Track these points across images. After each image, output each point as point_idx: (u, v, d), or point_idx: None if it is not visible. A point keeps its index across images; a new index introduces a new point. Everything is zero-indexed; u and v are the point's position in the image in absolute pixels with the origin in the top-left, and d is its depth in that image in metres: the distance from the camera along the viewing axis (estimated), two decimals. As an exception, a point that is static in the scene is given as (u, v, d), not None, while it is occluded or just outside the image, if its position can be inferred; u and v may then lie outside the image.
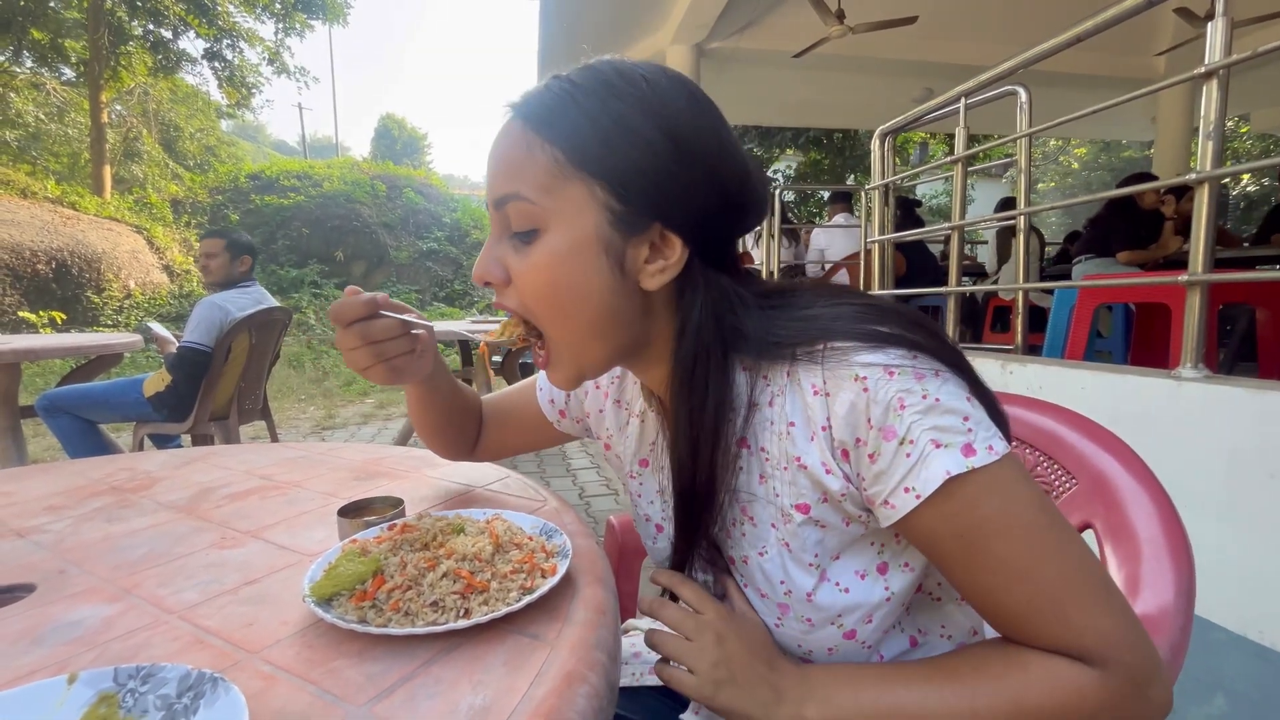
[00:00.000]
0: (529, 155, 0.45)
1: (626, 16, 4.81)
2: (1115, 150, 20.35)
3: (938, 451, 0.41)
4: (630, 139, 0.44)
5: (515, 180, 0.45)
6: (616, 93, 0.45)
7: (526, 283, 0.47)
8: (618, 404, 0.65)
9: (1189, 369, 1.36)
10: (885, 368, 0.42)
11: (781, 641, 0.52)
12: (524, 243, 0.46)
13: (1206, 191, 1.38)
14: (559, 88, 0.46)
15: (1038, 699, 0.41)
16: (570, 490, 2.99)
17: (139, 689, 0.36)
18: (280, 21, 12.68)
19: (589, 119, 0.44)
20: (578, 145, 0.44)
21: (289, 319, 2.73)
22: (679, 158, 0.45)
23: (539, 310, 0.48)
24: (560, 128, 0.44)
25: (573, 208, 0.45)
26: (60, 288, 7.35)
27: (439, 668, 0.40)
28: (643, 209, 0.45)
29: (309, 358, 7.19)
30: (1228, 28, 1.33)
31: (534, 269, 0.46)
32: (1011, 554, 0.41)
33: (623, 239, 0.46)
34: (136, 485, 0.81)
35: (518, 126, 0.46)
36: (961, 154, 2.19)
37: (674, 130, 0.45)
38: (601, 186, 0.44)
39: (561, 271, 0.45)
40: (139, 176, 13.52)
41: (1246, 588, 1.19)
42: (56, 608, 0.49)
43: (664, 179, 0.45)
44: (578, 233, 0.45)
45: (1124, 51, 5.31)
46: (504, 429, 0.78)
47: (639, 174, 0.44)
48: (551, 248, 0.45)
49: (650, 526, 0.62)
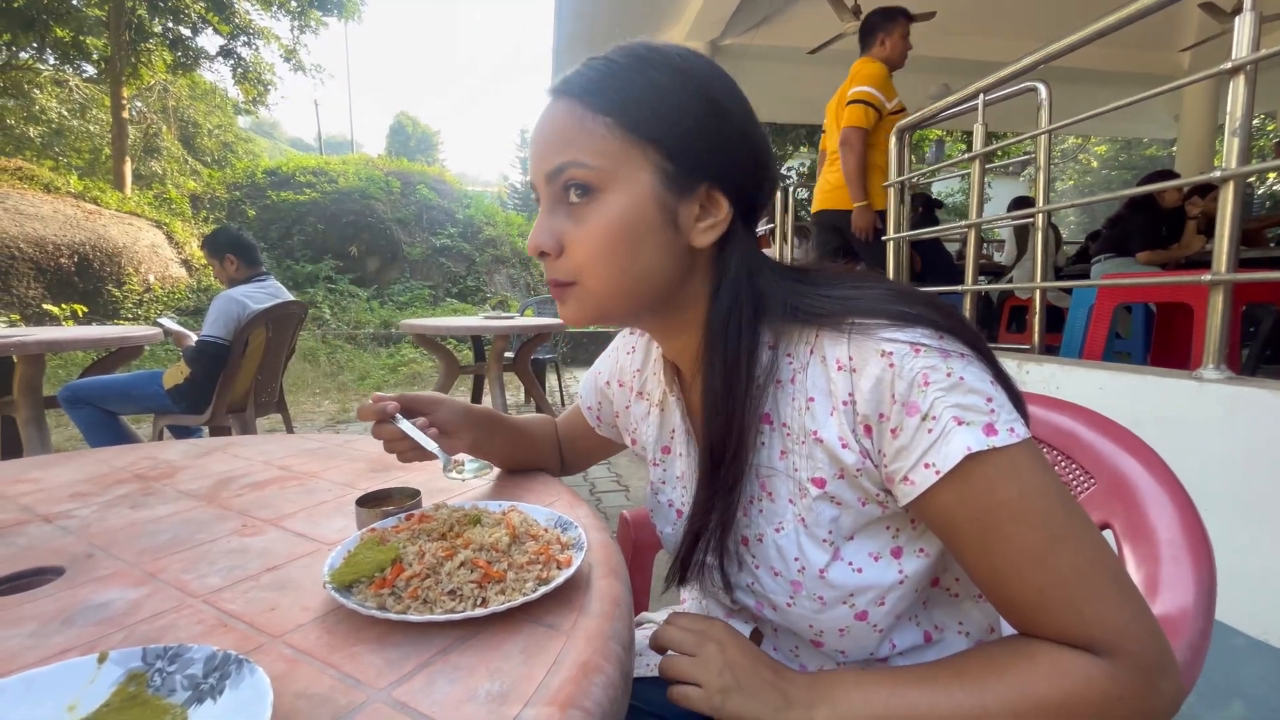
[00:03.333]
0: (582, 126, 0.47)
1: (642, 12, 4.80)
2: (1136, 148, 20.01)
3: (960, 429, 0.41)
4: (673, 102, 0.47)
5: (571, 149, 0.47)
6: (653, 63, 0.48)
7: (586, 243, 0.48)
8: (640, 395, 0.68)
9: (1211, 369, 1.34)
10: (912, 345, 0.43)
11: (792, 624, 0.53)
12: (582, 208, 0.48)
13: (1231, 190, 1.35)
14: (600, 64, 0.49)
15: (1045, 690, 0.41)
16: (581, 486, 3.00)
17: (167, 669, 0.37)
18: (296, 19, 12.78)
19: (634, 87, 0.47)
20: (628, 112, 0.47)
21: (304, 313, 2.76)
22: (718, 118, 0.48)
23: (593, 268, 0.49)
24: (609, 97, 0.47)
25: (628, 170, 0.47)
26: (82, 281, 7.47)
27: (457, 655, 0.41)
28: (692, 169, 0.48)
29: (324, 352, 7.26)
30: (1256, 22, 1.30)
31: (594, 229, 0.48)
32: (1027, 540, 0.41)
33: (675, 198, 0.48)
34: (159, 474, 0.82)
35: (565, 104, 0.48)
36: (979, 151, 2.16)
37: (709, 93, 0.48)
38: (654, 148, 0.47)
39: (619, 231, 0.47)
40: (159, 172, 13.74)
41: (1267, 592, 1.17)
42: (85, 590, 0.50)
43: (709, 139, 0.48)
44: (635, 192, 0.47)
45: (1147, 47, 5.21)
46: (574, 445, 0.83)
47: (686, 134, 0.47)
48: (611, 208, 0.47)
49: (671, 512, 0.63)
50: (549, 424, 0.81)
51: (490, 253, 11.15)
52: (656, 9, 4.76)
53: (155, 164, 14.05)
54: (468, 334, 3.74)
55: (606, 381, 0.74)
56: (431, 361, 6.95)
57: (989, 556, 0.42)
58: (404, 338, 7.76)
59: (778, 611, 0.53)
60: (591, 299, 0.50)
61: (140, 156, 13.47)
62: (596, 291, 0.50)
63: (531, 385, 3.90)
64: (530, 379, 3.87)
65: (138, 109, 13.79)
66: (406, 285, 10.05)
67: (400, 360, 7.23)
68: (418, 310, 9.46)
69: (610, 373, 0.73)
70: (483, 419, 0.72)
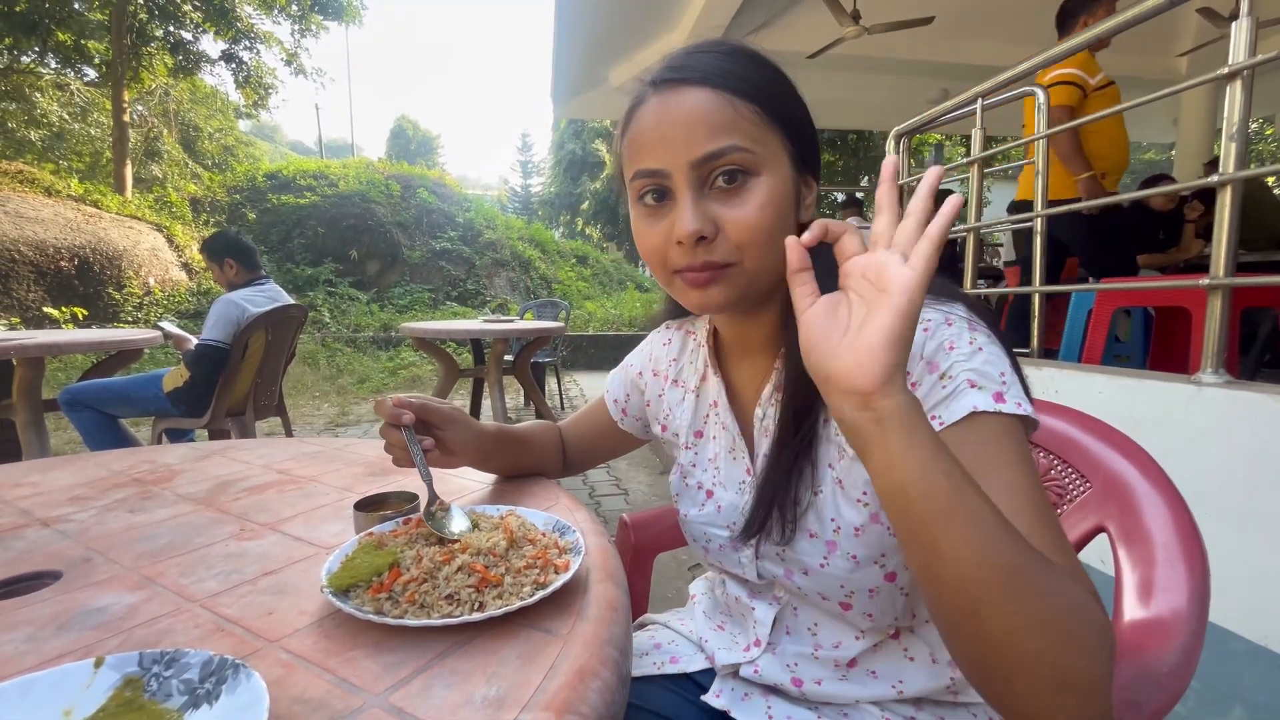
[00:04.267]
0: (735, 112, 0.50)
1: (642, 16, 4.82)
2: (1135, 152, 20.05)
3: (971, 390, 0.45)
4: (791, 96, 0.54)
5: (729, 134, 0.50)
6: (759, 59, 0.54)
7: (749, 224, 0.51)
8: (675, 383, 0.71)
9: (1209, 374, 1.34)
10: (946, 316, 0.49)
11: (823, 588, 0.55)
12: (737, 191, 0.51)
13: (1229, 194, 1.36)
14: (719, 56, 0.52)
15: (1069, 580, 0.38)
16: (581, 490, 3.00)
17: (163, 673, 0.37)
18: (296, 23, 12.82)
19: (766, 80, 0.52)
20: (769, 101, 0.51)
21: (304, 316, 2.77)
22: (804, 108, 0.55)
23: (754, 246, 0.51)
24: (751, 88, 0.51)
25: (775, 154, 0.52)
26: (82, 284, 7.48)
27: (454, 659, 0.41)
28: (804, 153, 0.54)
29: (323, 355, 7.26)
30: (1252, 28, 1.31)
31: (757, 209, 0.51)
32: (1024, 485, 0.42)
33: (799, 179, 0.54)
34: (157, 478, 0.82)
35: (703, 91, 0.51)
36: (978, 155, 2.17)
37: (795, 88, 0.55)
38: (785, 134, 0.52)
39: (776, 209, 0.51)
40: (159, 175, 13.76)
41: (1266, 597, 1.17)
42: (83, 594, 0.50)
43: (807, 126, 0.55)
44: (782, 175, 0.52)
45: (1145, 52, 5.22)
46: (583, 444, 0.83)
47: (801, 124, 0.54)
48: (769, 189, 0.51)
49: (700, 494, 0.65)
50: (552, 430, 0.82)
51: (490, 256, 11.17)
52: (656, 14, 4.78)
53: (156, 167, 14.07)
54: (467, 337, 3.74)
55: (639, 372, 0.76)
56: (431, 365, 6.95)
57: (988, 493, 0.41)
58: (404, 341, 7.76)
59: (808, 575, 0.55)
60: (745, 278, 0.53)
61: (141, 160, 13.50)
62: (753, 270, 0.52)
63: (531, 389, 3.90)
64: (530, 382, 3.88)
65: (139, 112, 13.82)
66: (406, 288, 10.05)
67: (400, 363, 7.23)
68: (418, 313, 9.47)
69: (643, 364, 0.76)
70: (490, 442, 0.72)
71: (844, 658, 0.58)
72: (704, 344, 0.67)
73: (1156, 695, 0.46)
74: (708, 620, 0.71)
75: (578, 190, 22.77)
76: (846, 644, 0.58)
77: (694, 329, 0.71)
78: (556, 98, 6.31)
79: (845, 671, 0.59)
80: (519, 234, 12.39)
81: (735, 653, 0.64)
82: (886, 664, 0.58)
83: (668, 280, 0.55)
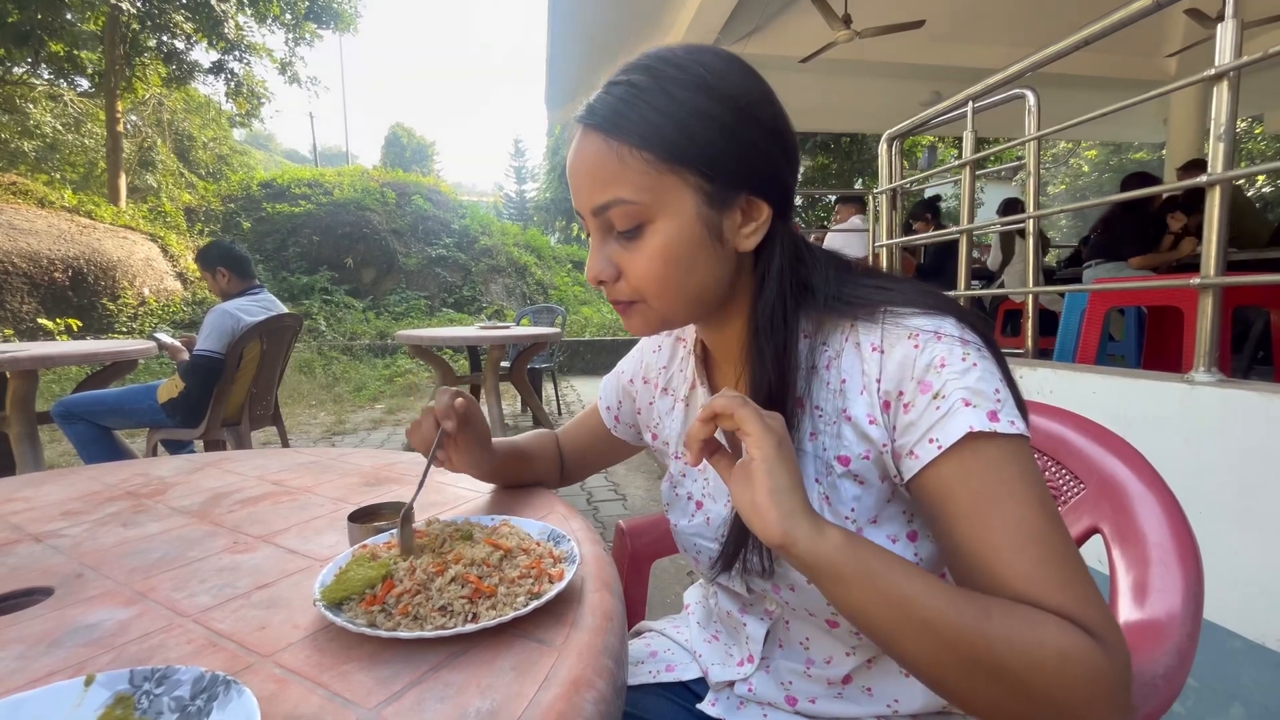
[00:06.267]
0: (620, 162, 0.48)
1: (634, 22, 4.83)
2: (1126, 152, 20.18)
3: (965, 409, 0.44)
4: (705, 122, 0.47)
5: (614, 187, 0.49)
6: (679, 83, 0.48)
7: (641, 272, 0.51)
8: (664, 391, 0.70)
9: (1202, 373, 1.35)
10: (936, 332, 0.47)
11: (809, 605, 0.54)
12: (631, 239, 0.51)
13: (1218, 194, 1.37)
14: (624, 92, 0.49)
15: (1052, 634, 0.38)
16: (578, 496, 2.99)
17: (154, 691, 0.36)
18: (290, 32, 12.82)
19: (664, 115, 0.47)
20: (662, 142, 0.47)
21: (299, 325, 2.76)
22: (747, 125, 0.49)
23: (652, 290, 0.52)
24: (641, 130, 0.48)
25: (671, 198, 0.49)
26: (76, 295, 7.45)
27: (448, 672, 0.40)
28: (730, 182, 0.49)
29: (319, 364, 7.24)
30: (1238, 29, 1.32)
31: (648, 259, 0.50)
32: (1027, 516, 0.42)
33: (718, 213, 0.50)
34: (151, 491, 0.82)
35: (598, 138, 0.49)
36: (969, 158, 2.18)
37: (737, 102, 0.48)
38: (691, 172, 0.48)
39: (672, 255, 0.50)
40: (153, 185, 13.72)
41: (1263, 595, 1.18)
42: (74, 610, 0.50)
43: (742, 149, 0.49)
44: (681, 218, 0.49)
45: (1134, 53, 5.27)
46: (579, 452, 0.83)
47: (720, 153, 0.48)
48: (661, 237, 0.49)
49: (690, 505, 0.64)
50: (551, 441, 0.82)
51: (486, 262, 11.17)
52: (648, 19, 4.80)
53: (150, 177, 14.02)
54: (464, 344, 3.73)
55: (630, 379, 0.75)
56: (428, 372, 6.94)
57: (987, 530, 0.42)
58: (400, 348, 7.75)
59: (795, 592, 0.54)
60: (655, 314, 0.53)
61: (135, 170, 13.45)
62: (659, 308, 0.53)
63: (528, 395, 3.89)
64: (527, 388, 3.87)
65: (132, 123, 13.78)
66: (402, 296, 10.04)
67: (396, 371, 7.22)
68: (414, 320, 9.46)
69: (634, 371, 0.75)
70: (499, 459, 0.72)
71: (837, 675, 0.58)
72: (693, 352, 0.66)
73: (1152, 697, 0.47)
74: (702, 630, 0.71)
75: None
76: (838, 660, 0.58)
77: (684, 336, 0.70)
78: (551, 103, 6.32)
79: (840, 689, 0.59)
80: (514, 240, 12.39)
81: (729, 668, 0.64)
82: (882, 681, 0.58)
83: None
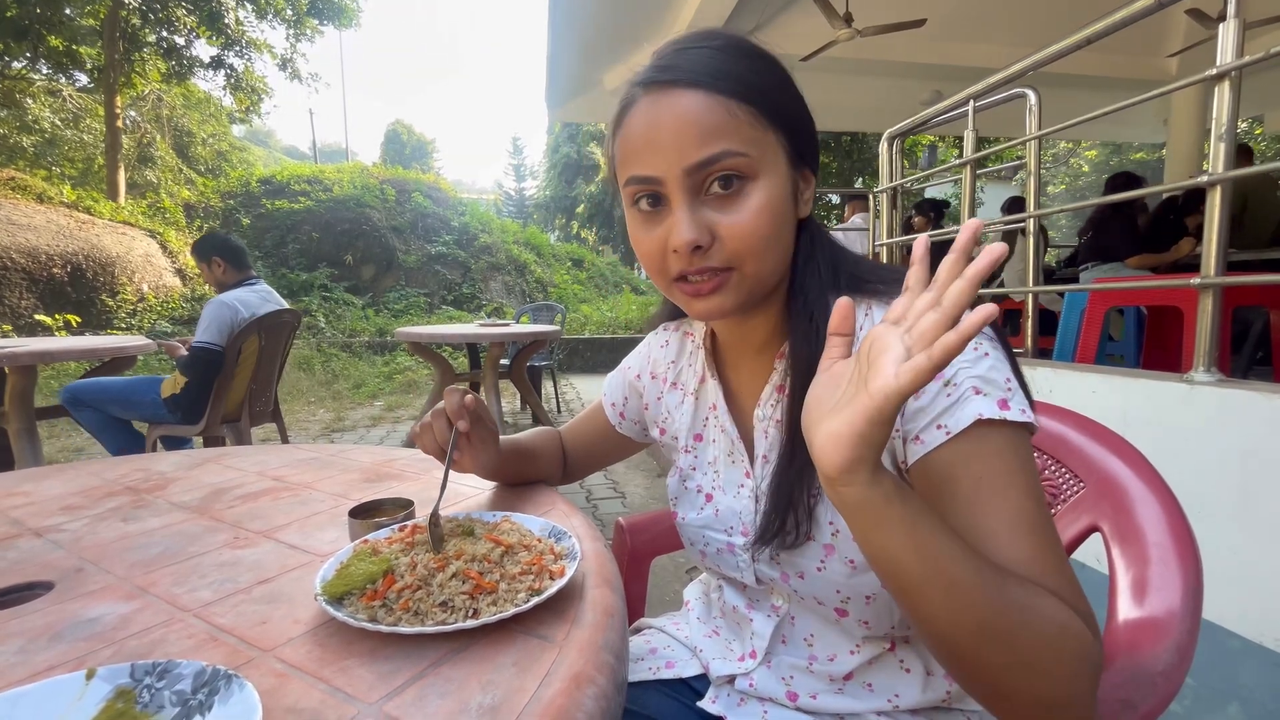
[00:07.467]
0: (729, 115, 0.48)
1: (635, 20, 4.82)
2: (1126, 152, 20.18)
3: (976, 397, 0.44)
4: (783, 89, 0.52)
5: (724, 139, 0.48)
6: (753, 52, 0.51)
7: (745, 230, 0.49)
8: (674, 386, 0.70)
9: (1202, 372, 1.35)
10: None
11: (818, 593, 0.54)
12: (733, 197, 0.49)
13: (1219, 194, 1.37)
14: (711, 53, 0.50)
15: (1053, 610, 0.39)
16: (578, 494, 3.00)
17: (155, 684, 0.36)
18: (291, 27, 12.79)
19: (759, 77, 0.50)
20: (764, 98, 0.50)
21: (298, 321, 2.76)
22: (801, 101, 0.53)
23: (753, 252, 0.50)
24: (746, 84, 0.49)
25: (772, 154, 0.50)
26: (75, 291, 7.43)
27: (449, 667, 0.40)
28: (801, 148, 0.53)
29: (319, 360, 7.24)
30: (1239, 29, 1.32)
31: (755, 214, 0.49)
32: (1026, 506, 0.42)
33: (795, 176, 0.53)
34: (151, 486, 0.82)
35: (697, 94, 0.48)
36: (970, 157, 2.18)
37: (792, 79, 0.53)
38: (781, 132, 0.51)
39: (775, 213, 0.50)
40: (152, 181, 13.70)
41: (1262, 594, 1.18)
42: (75, 605, 0.50)
43: (804, 121, 0.53)
44: (780, 175, 0.51)
45: (1135, 53, 5.26)
46: (582, 450, 0.83)
47: (797, 119, 0.52)
48: (764, 193, 0.50)
49: (700, 498, 0.64)
50: (554, 439, 0.82)
51: (486, 260, 11.15)
52: (649, 18, 4.79)
53: (149, 173, 14.00)
54: (463, 342, 3.73)
55: (637, 375, 0.75)
56: (427, 369, 6.93)
57: (987, 517, 0.42)
58: (399, 346, 7.74)
59: (804, 579, 0.54)
60: (748, 284, 0.52)
61: (134, 166, 13.43)
62: (753, 275, 0.51)
63: (528, 392, 3.89)
64: (526, 386, 3.87)
65: (131, 118, 13.74)
66: (402, 293, 10.03)
67: (396, 368, 7.21)
68: (413, 318, 9.45)
69: (640, 367, 0.75)
70: (504, 458, 0.72)
71: (839, 672, 0.58)
72: (702, 346, 0.66)
73: (1150, 695, 0.47)
74: (702, 626, 0.71)
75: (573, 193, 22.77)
76: (842, 657, 0.58)
77: (692, 330, 0.70)
78: (551, 102, 6.31)
79: (841, 685, 0.59)
80: (514, 237, 12.38)
81: (730, 663, 0.64)
82: (882, 677, 0.58)
83: (667, 287, 0.54)
